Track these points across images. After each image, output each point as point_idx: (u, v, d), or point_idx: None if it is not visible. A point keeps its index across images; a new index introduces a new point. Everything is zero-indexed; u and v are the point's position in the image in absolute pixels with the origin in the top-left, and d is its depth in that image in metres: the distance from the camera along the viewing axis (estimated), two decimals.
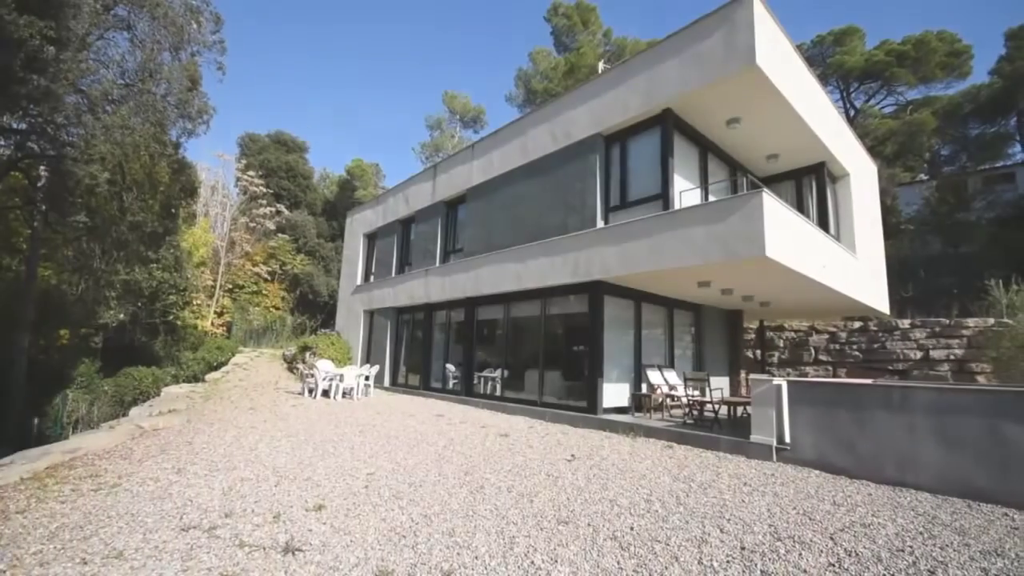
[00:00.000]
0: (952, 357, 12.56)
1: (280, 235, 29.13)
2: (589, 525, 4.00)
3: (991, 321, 12.01)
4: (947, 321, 13.01)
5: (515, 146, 11.53)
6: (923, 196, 22.53)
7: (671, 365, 10.70)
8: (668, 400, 9.52)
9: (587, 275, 9.06)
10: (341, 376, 12.15)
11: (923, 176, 25.71)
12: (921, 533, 3.99)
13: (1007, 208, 20.32)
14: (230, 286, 26.42)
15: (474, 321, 12.21)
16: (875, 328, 13.95)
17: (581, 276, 9.17)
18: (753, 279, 8.50)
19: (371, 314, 16.71)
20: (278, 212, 29.19)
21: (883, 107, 26.16)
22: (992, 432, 4.95)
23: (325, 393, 12.04)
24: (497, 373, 11.36)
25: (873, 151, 17.63)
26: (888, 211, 19.10)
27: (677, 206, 8.43)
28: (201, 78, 15.93)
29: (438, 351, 13.54)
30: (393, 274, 15.86)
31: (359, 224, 18.67)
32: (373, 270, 17.64)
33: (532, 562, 3.39)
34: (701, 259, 7.40)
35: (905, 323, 13.61)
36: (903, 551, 3.61)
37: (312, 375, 12.25)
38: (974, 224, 20.01)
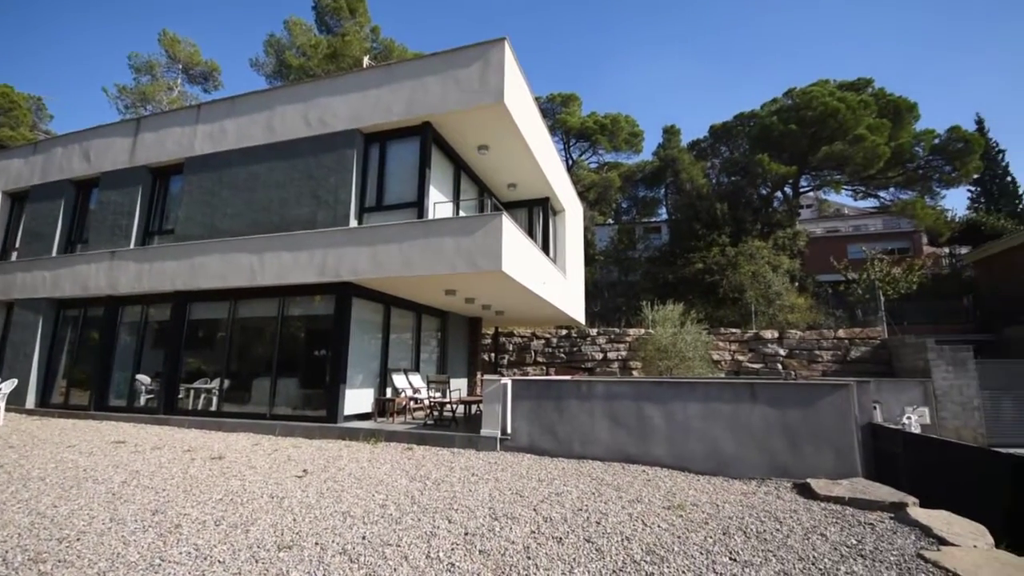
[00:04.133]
0: (620, 357, 16.85)
1: None
2: (317, 544, 3.69)
3: (643, 331, 16.65)
4: (618, 330, 17.43)
5: (260, 120, 10.04)
6: (610, 236, 29.84)
7: (417, 369, 11.02)
8: (412, 403, 9.76)
9: (336, 275, 8.54)
10: None
11: (611, 221, 33.99)
12: (593, 493, 5.13)
13: (656, 251, 28.71)
14: None
15: (185, 320, 9.96)
16: (575, 335, 17.56)
17: (329, 276, 8.58)
18: (491, 290, 9.56)
19: (7, 307, 11.79)
20: None
21: (590, 162, 33.51)
22: (638, 412, 6.79)
23: None
24: (214, 384, 9.51)
25: (581, 196, 22.38)
26: (588, 244, 24.48)
27: (431, 216, 8.81)
28: None
29: (124, 358, 10.50)
30: (54, 252, 11.60)
31: None
32: (17, 244, 12.53)
33: None
34: (449, 269, 7.90)
35: (594, 332, 17.57)
36: (582, 510, 4.57)
37: None
38: (637, 260, 27.50)
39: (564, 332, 17.78)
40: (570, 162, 31.95)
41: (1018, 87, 64.09)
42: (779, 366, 16.06)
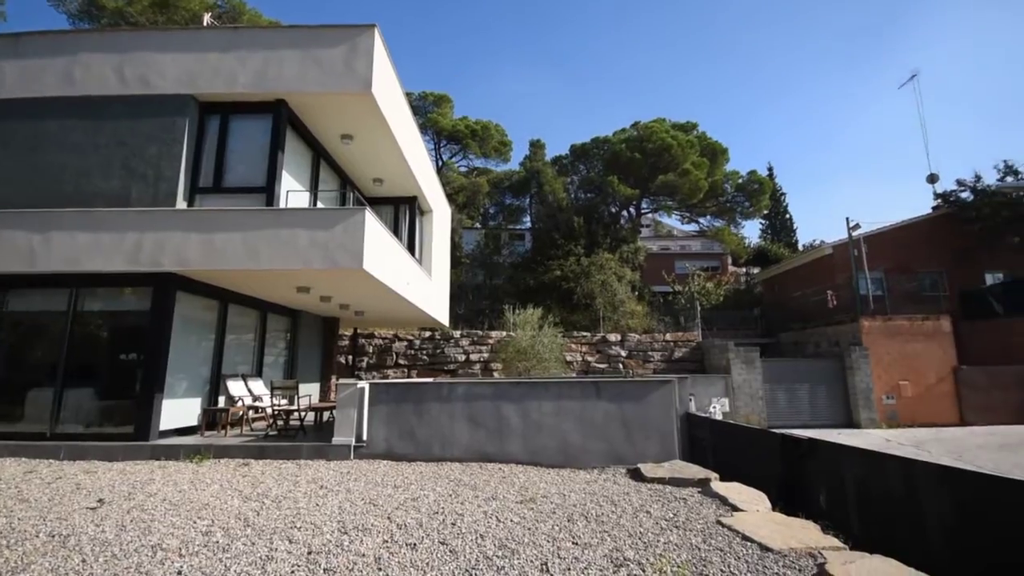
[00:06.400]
0: (482, 359, 17.21)
1: None
2: None
3: (504, 334, 17.24)
4: (481, 333, 17.80)
5: (56, 67, 8.03)
6: (477, 240, 30.38)
7: (259, 374, 9.84)
8: (251, 413, 8.66)
9: (155, 264, 7.19)
10: None
11: (478, 225, 34.66)
12: (451, 494, 5.12)
13: (520, 257, 30.00)
14: None
15: None
16: (439, 337, 17.46)
17: (145, 264, 7.19)
18: (350, 289, 8.99)
19: None
20: None
21: (460, 166, 33.78)
22: (497, 412, 6.98)
23: None
24: None
25: (450, 198, 22.41)
26: (455, 247, 24.59)
27: (283, 204, 7.97)
28: None
29: None
30: None
31: None
32: None
33: None
34: (303, 264, 7.22)
35: (457, 334, 17.68)
36: (438, 512, 4.52)
37: None
38: (502, 265, 28.45)
39: (428, 334, 17.57)
40: (440, 163, 31.82)
41: (795, 145, 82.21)
42: (621, 365, 18.02)
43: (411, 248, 12.10)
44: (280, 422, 8.20)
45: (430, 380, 9.36)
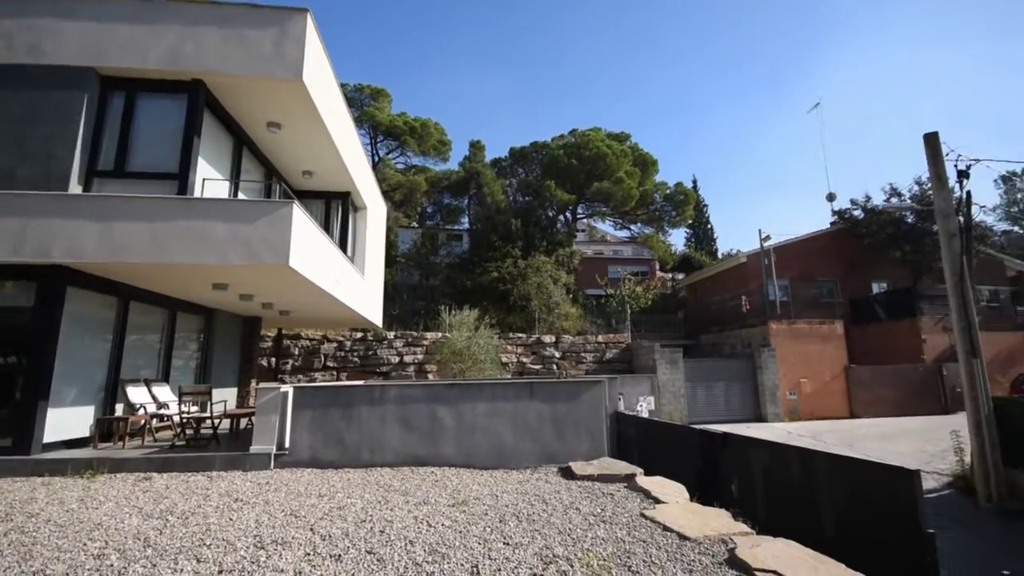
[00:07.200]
0: (417, 361, 16.88)
1: None
2: None
3: (440, 335, 17.01)
4: (416, 334, 17.45)
5: None
6: (413, 239, 29.77)
7: (166, 379, 8.99)
8: (155, 421, 7.89)
9: (40, 254, 6.35)
10: None
11: (415, 224, 33.98)
12: (380, 501, 4.96)
13: (457, 258, 29.76)
14: None
15: None
16: (371, 338, 16.91)
17: (28, 255, 6.33)
18: (275, 287, 8.46)
19: None
20: None
21: (397, 162, 32.94)
22: (431, 414, 6.86)
23: None
24: None
25: (386, 195, 21.78)
26: (390, 245, 23.95)
27: (198, 194, 7.35)
28: None
29: None
30: None
31: None
32: None
33: None
34: (220, 259, 6.68)
35: (391, 335, 17.22)
36: (366, 520, 4.35)
37: None
38: (439, 265, 28.08)
39: (360, 335, 16.95)
40: (376, 159, 30.86)
41: (718, 161, 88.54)
42: (555, 366, 18.41)
43: (343, 245, 11.61)
44: (189, 431, 7.53)
45: (361, 383, 9.03)
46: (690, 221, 36.67)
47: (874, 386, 17.62)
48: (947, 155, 8.32)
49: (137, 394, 7.81)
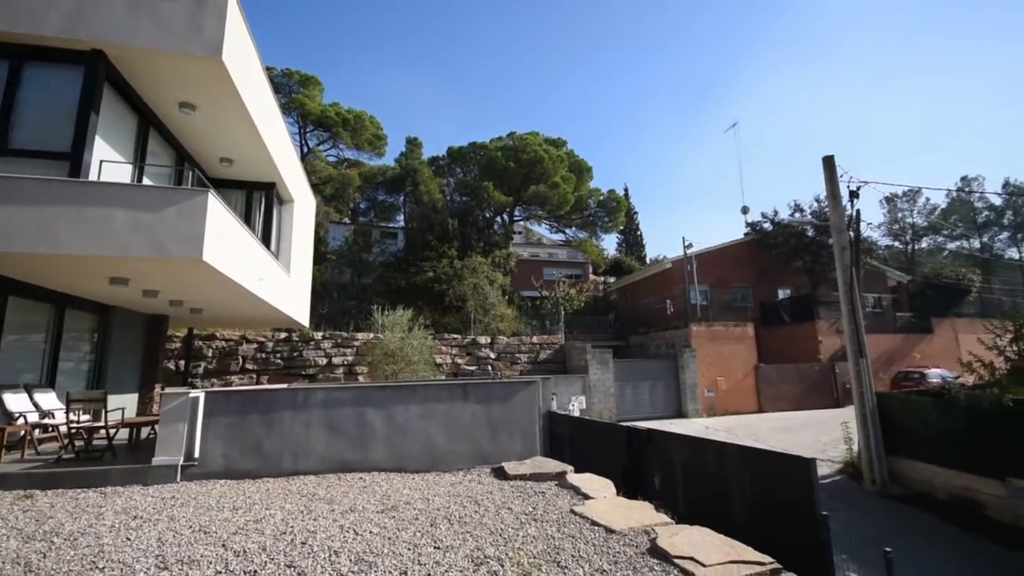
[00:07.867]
0: (346, 362, 16.20)
1: None
2: None
3: (371, 335, 16.45)
4: (346, 334, 16.75)
5: None
6: (345, 236, 28.58)
7: (51, 384, 7.94)
8: (37, 432, 6.93)
9: None
10: None
11: (347, 220, 32.64)
12: (302, 511, 4.69)
13: (392, 256, 28.99)
14: None
15: None
16: (297, 339, 16.00)
17: None
18: (185, 283, 7.75)
19: None
20: None
21: (328, 155, 31.50)
22: (359, 418, 6.60)
23: None
24: None
25: (316, 188, 20.74)
26: (320, 241, 22.83)
27: (94, 177, 6.57)
28: None
29: None
30: None
31: None
32: None
33: None
34: (120, 251, 6.00)
35: (319, 335, 16.40)
36: (286, 533, 4.09)
37: None
38: (372, 264, 27.18)
39: (284, 335, 15.99)
40: (305, 150, 29.33)
41: (648, 171, 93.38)
42: (490, 367, 18.45)
43: (266, 240, 10.88)
44: (80, 442, 6.70)
45: (283, 386, 8.50)
46: (622, 227, 38.35)
47: (779, 383, 19.37)
48: (842, 176, 9.36)
49: (16, 401, 6.82)
